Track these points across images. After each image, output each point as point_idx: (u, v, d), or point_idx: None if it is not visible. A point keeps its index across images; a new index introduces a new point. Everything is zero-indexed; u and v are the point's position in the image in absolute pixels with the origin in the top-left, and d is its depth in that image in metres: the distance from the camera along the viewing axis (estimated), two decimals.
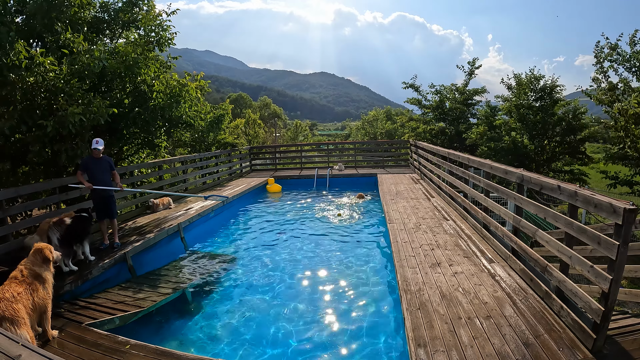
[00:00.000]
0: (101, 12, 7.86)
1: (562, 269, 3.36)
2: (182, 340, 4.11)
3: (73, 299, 4.44)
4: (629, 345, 2.85)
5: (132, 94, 7.15)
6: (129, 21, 7.88)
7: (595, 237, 2.81)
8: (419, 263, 4.79)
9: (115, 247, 5.67)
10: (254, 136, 26.24)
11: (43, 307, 3.18)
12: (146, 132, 7.77)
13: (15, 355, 1.62)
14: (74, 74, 6.04)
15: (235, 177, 14.08)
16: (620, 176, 9.20)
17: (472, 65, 15.38)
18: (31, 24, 6.42)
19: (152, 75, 7.19)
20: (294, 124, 41.90)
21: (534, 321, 3.26)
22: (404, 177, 12.48)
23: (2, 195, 5.04)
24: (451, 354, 2.86)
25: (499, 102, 14.05)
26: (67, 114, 5.48)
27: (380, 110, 34.32)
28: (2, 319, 2.75)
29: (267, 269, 6.01)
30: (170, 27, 7.53)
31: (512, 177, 4.57)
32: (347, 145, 22.15)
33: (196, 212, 8.08)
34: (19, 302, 2.92)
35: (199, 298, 5.04)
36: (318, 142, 26.37)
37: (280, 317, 4.52)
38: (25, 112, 5.58)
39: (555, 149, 12.09)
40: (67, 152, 5.95)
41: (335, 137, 54.31)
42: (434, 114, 16.18)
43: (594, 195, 2.90)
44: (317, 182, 13.53)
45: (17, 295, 2.95)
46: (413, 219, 7.03)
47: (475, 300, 3.70)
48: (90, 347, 3.25)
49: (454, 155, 7.82)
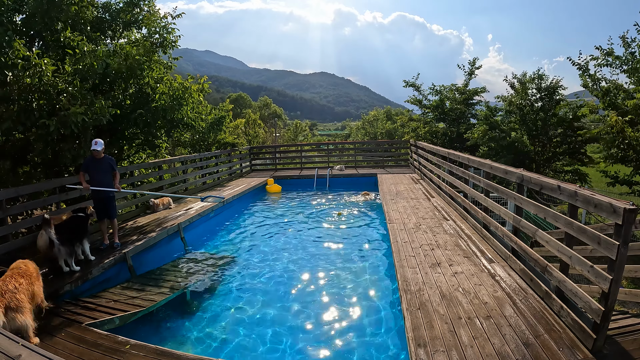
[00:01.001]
0: (103, 12, 7.86)
1: (562, 269, 3.36)
2: (182, 340, 4.11)
3: (73, 299, 4.44)
4: (629, 345, 2.85)
5: (135, 95, 7.16)
6: (130, 21, 7.88)
7: (595, 237, 2.80)
8: (419, 263, 4.79)
9: (115, 247, 5.68)
10: (254, 136, 26.24)
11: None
12: (147, 132, 7.78)
13: (15, 355, 1.63)
14: (77, 74, 6.04)
15: (235, 177, 14.08)
16: (620, 176, 9.20)
17: (472, 65, 15.37)
18: (30, 23, 6.42)
19: (156, 77, 7.21)
20: (294, 124, 41.89)
21: (534, 321, 3.26)
22: (404, 177, 12.49)
23: (3, 195, 5.05)
24: (451, 354, 2.86)
25: (499, 103, 14.04)
26: (69, 114, 5.49)
27: (380, 110, 34.32)
28: (7, 308, 3.04)
29: (266, 268, 6.01)
30: (175, 30, 7.54)
31: (512, 177, 4.57)
32: (347, 145, 22.15)
33: (196, 212, 8.09)
34: (21, 292, 3.25)
35: (199, 298, 5.04)
36: (318, 142, 26.34)
37: (280, 316, 4.52)
38: (23, 112, 5.58)
39: (556, 149, 12.09)
40: (69, 151, 5.97)
41: (335, 137, 54.31)
42: (434, 114, 16.18)
43: (594, 195, 2.90)
44: (317, 182, 13.53)
45: (19, 286, 3.27)
46: (413, 219, 7.03)
47: (475, 300, 3.70)
48: (90, 347, 3.25)
49: (454, 155, 7.82)
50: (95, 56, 6.13)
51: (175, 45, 7.67)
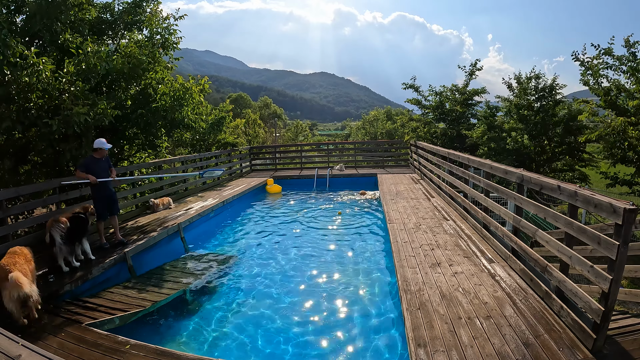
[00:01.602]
0: (104, 12, 7.86)
1: (562, 269, 3.36)
2: (182, 340, 4.11)
3: (73, 299, 4.44)
4: (629, 345, 2.85)
5: (137, 95, 7.16)
6: (132, 22, 7.88)
7: (595, 237, 2.80)
8: (419, 263, 4.79)
9: (120, 243, 5.77)
10: (254, 136, 26.24)
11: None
12: (148, 133, 7.79)
13: (15, 355, 1.63)
14: (79, 74, 6.05)
15: (235, 177, 14.08)
16: (620, 176, 9.20)
17: (473, 66, 15.37)
18: (31, 24, 6.42)
19: (158, 78, 7.22)
20: (294, 124, 41.88)
21: (534, 321, 3.26)
22: (404, 177, 12.49)
23: (3, 195, 5.05)
24: (451, 354, 2.86)
25: (498, 103, 14.04)
26: (72, 114, 5.50)
27: (380, 110, 34.34)
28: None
29: (266, 268, 6.01)
30: (176, 32, 7.55)
31: (512, 177, 4.57)
32: (347, 145, 22.14)
33: (196, 212, 8.09)
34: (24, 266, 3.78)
35: (199, 298, 5.04)
36: (318, 142, 26.34)
37: (280, 316, 4.52)
38: (21, 112, 5.58)
39: (556, 149, 12.09)
40: (71, 151, 5.98)
41: (336, 137, 54.26)
42: (434, 114, 16.18)
43: (594, 195, 2.90)
44: (317, 182, 13.53)
45: (21, 262, 3.79)
46: (413, 219, 7.03)
47: (475, 300, 3.70)
48: (90, 347, 3.25)
49: (454, 155, 7.83)
50: (99, 57, 6.13)
51: (176, 46, 7.68)
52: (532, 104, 12.36)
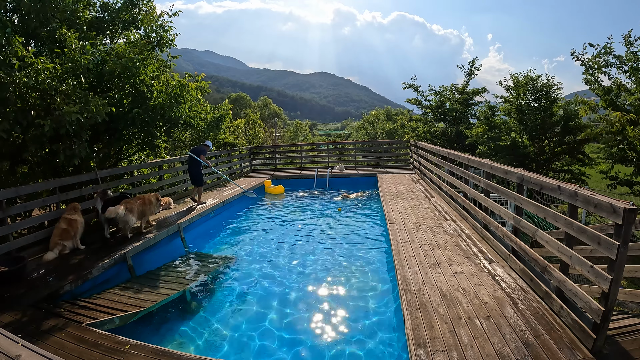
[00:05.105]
0: (101, 11, 7.85)
1: (562, 269, 3.36)
2: (182, 340, 4.11)
3: (73, 299, 4.44)
4: (629, 345, 2.85)
5: (131, 94, 7.13)
6: (129, 21, 7.86)
7: (595, 237, 2.80)
8: (419, 263, 4.79)
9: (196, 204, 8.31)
10: (254, 136, 26.23)
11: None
12: (146, 132, 7.77)
13: (15, 355, 1.63)
14: (68, 72, 6.00)
15: (235, 177, 14.07)
16: (620, 176, 9.20)
17: (472, 65, 15.37)
18: (27, 22, 6.41)
19: (151, 75, 7.17)
20: (294, 124, 41.88)
21: (534, 321, 3.26)
22: (404, 177, 12.48)
23: (2, 196, 5.04)
24: (451, 354, 2.86)
25: (498, 103, 14.04)
26: (63, 113, 5.42)
27: (380, 110, 34.37)
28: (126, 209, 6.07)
29: (266, 268, 6.01)
30: (171, 28, 7.52)
31: (512, 177, 4.56)
32: (347, 145, 22.13)
33: (196, 212, 8.09)
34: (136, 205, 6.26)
35: (199, 298, 5.04)
36: (318, 142, 26.32)
37: (280, 316, 4.52)
38: (20, 112, 5.56)
39: (555, 149, 12.09)
40: (64, 152, 5.89)
41: (336, 137, 54.27)
42: (434, 114, 16.19)
43: (594, 195, 2.90)
44: (317, 182, 13.53)
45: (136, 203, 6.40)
46: (413, 219, 7.03)
47: (475, 301, 3.70)
48: (90, 347, 3.25)
49: (454, 155, 7.82)
50: (84, 52, 6.08)
51: (172, 44, 7.65)
52: (530, 104, 12.37)
